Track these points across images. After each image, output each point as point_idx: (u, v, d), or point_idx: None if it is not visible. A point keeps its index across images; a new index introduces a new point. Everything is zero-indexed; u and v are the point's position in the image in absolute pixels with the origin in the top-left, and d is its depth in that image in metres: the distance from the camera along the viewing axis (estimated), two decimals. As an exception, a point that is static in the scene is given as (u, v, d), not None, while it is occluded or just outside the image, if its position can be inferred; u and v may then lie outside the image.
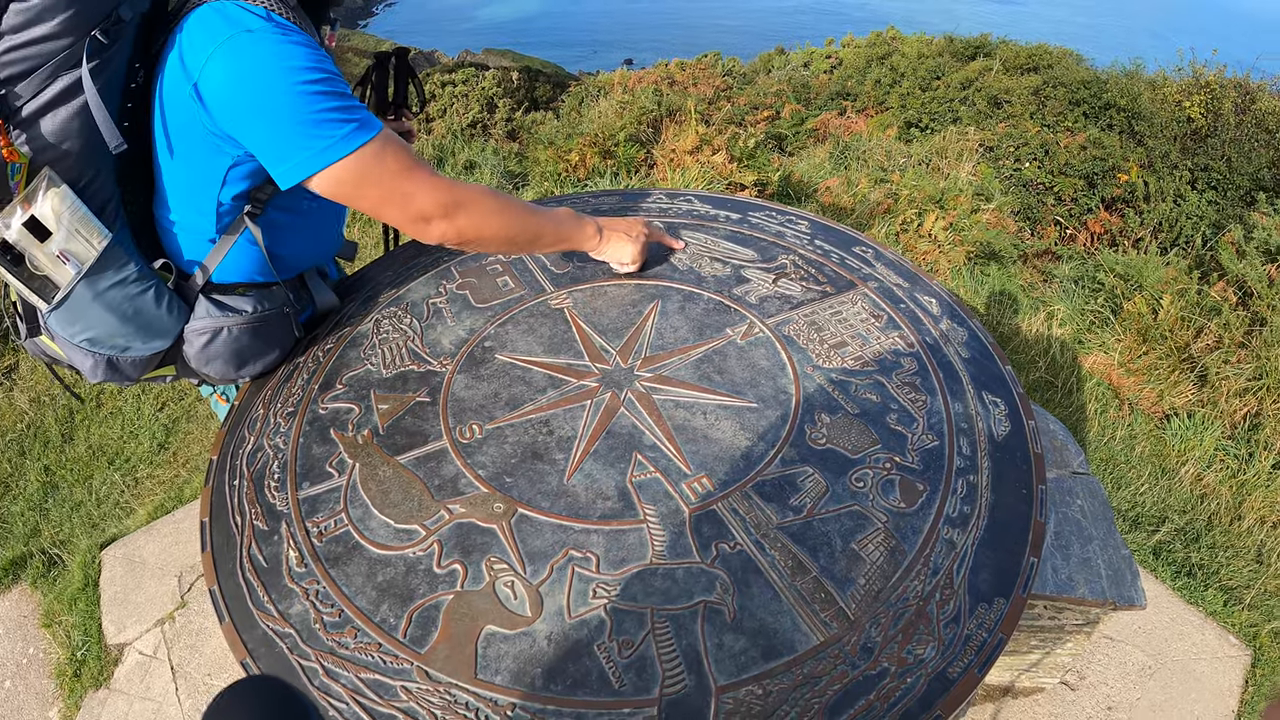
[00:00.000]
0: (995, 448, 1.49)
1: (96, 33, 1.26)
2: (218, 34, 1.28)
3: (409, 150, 1.45)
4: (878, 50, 10.61)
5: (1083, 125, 7.83)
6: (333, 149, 1.34)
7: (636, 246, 1.84)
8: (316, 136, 1.32)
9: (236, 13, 1.30)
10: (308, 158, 1.33)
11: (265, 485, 1.43)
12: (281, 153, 1.34)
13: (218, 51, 1.27)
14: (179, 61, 1.32)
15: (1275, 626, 3.07)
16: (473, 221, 1.51)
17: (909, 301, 1.84)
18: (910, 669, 1.14)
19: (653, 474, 1.40)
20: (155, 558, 2.79)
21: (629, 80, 7.17)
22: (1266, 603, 3.27)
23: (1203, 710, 2.63)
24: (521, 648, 1.16)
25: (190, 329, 1.58)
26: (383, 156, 1.39)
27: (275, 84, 1.29)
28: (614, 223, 1.85)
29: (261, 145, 1.34)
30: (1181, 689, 2.68)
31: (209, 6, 1.31)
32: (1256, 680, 2.77)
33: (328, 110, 1.32)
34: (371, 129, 1.37)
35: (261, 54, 1.28)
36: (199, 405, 3.67)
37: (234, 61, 1.27)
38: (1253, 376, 4.42)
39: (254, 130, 1.33)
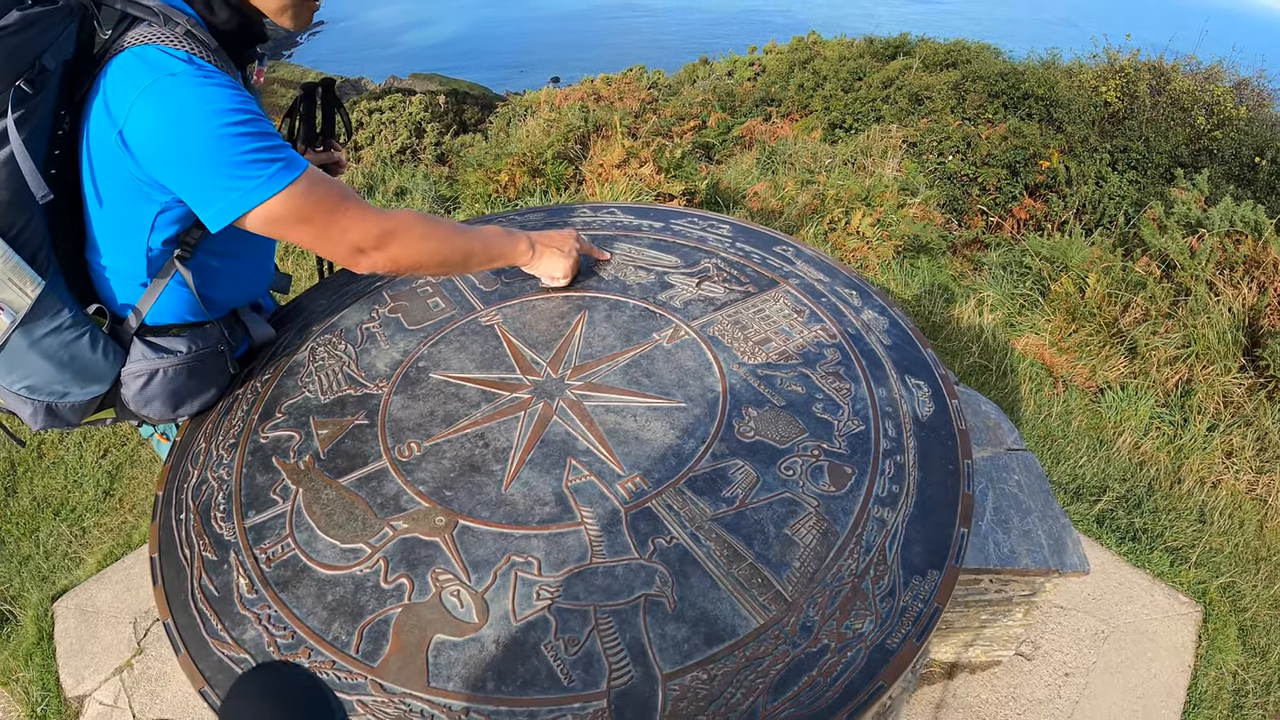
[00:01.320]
0: (920, 428, 1.56)
1: (20, 83, 1.27)
2: (140, 79, 1.29)
3: (336, 184, 1.47)
4: (800, 55, 10.79)
5: (1003, 116, 8.05)
6: (260, 189, 1.35)
7: (568, 261, 1.88)
8: (243, 178, 1.34)
9: (158, 57, 1.31)
10: (235, 199, 1.35)
11: (211, 517, 1.45)
12: (209, 196, 1.35)
13: (140, 97, 1.29)
14: (104, 108, 1.33)
15: (1223, 582, 3.19)
16: (404, 250, 1.54)
17: (830, 295, 1.90)
18: (850, 643, 1.19)
19: (587, 477, 1.45)
20: (109, 606, 2.76)
21: (555, 98, 7.21)
22: (1212, 560, 3.39)
23: (1159, 667, 2.73)
24: (471, 653, 1.20)
25: (126, 372, 1.58)
26: (310, 193, 1.41)
27: (199, 128, 1.30)
28: (546, 237, 1.87)
29: (188, 190, 1.36)
30: (1136, 649, 2.77)
31: (131, 52, 1.32)
32: (1209, 634, 2.88)
33: (253, 151, 1.34)
34: (297, 167, 1.39)
35: (184, 98, 1.29)
36: (141, 450, 3.63)
37: (157, 107, 1.29)
38: (1181, 345, 4.57)
39: (180, 175, 1.34)
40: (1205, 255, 4.77)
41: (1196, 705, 2.66)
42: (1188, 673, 2.75)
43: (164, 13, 1.35)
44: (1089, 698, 2.60)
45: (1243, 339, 4.54)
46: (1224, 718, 2.73)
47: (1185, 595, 3.04)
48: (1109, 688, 2.64)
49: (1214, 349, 4.50)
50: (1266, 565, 3.61)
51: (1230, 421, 4.36)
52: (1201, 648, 2.84)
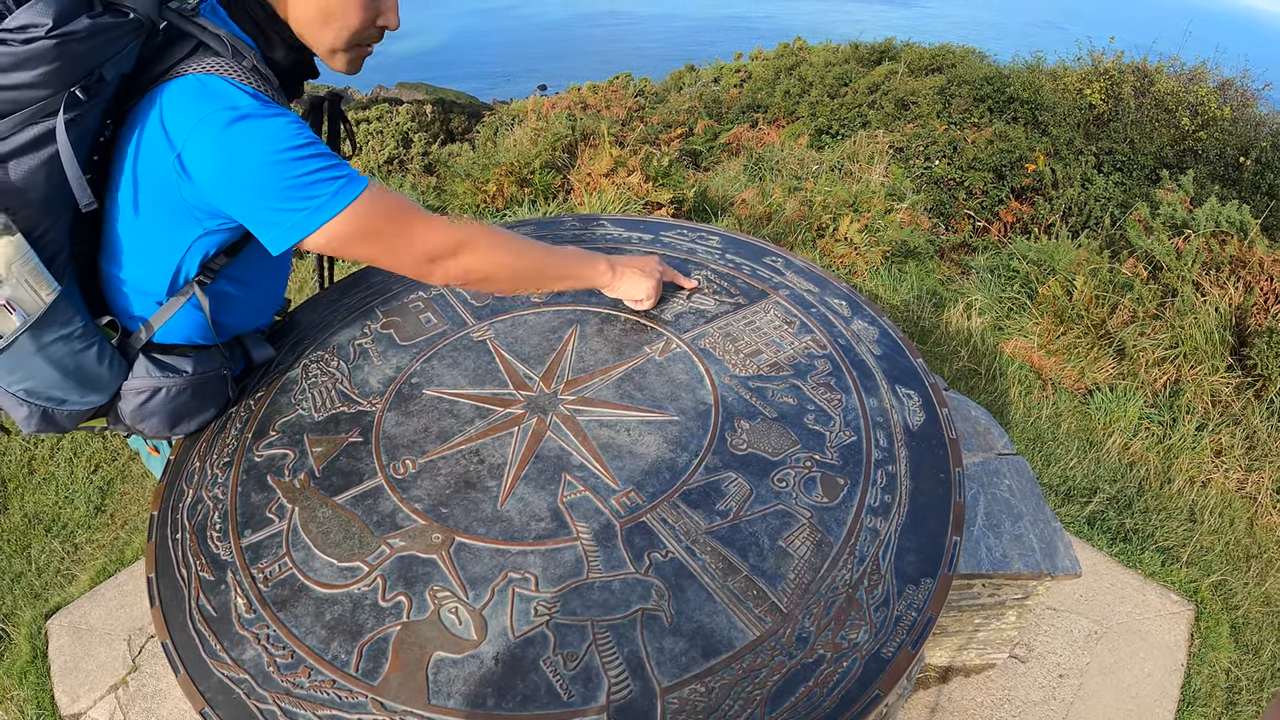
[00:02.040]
0: (911, 437, 1.58)
1: (76, 89, 1.26)
2: (203, 106, 1.31)
3: (400, 197, 1.48)
4: (786, 61, 10.83)
5: (988, 120, 8.10)
6: (324, 207, 1.36)
7: (650, 282, 1.85)
8: (307, 198, 1.35)
9: (223, 88, 1.33)
10: (300, 219, 1.36)
11: (208, 536, 1.45)
12: (273, 219, 1.36)
13: (202, 124, 1.30)
14: (160, 128, 1.33)
15: (1214, 580, 3.21)
16: (478, 259, 1.54)
17: (820, 306, 1.92)
18: (845, 653, 1.21)
19: (582, 492, 1.46)
20: (102, 623, 2.75)
21: (542, 106, 7.22)
22: (1203, 558, 3.42)
23: (1153, 667, 2.74)
24: (470, 670, 1.21)
25: (128, 387, 1.58)
26: (375, 208, 1.42)
27: (262, 156, 1.31)
28: (626, 259, 1.85)
29: (251, 215, 1.37)
30: (1129, 649, 2.78)
31: (195, 77, 1.33)
32: (1201, 632, 2.90)
33: (315, 172, 1.35)
34: (359, 183, 1.40)
35: (249, 129, 1.30)
36: (133, 465, 3.62)
37: (221, 136, 1.30)
38: (1169, 346, 4.60)
39: (242, 201, 1.36)
40: (1191, 256, 4.80)
41: (1190, 704, 2.68)
42: (1181, 671, 2.77)
43: (233, 45, 1.37)
44: (1083, 698, 2.61)
45: (1230, 338, 4.57)
46: (1218, 715, 2.75)
47: (1177, 594, 3.06)
48: (1103, 688, 2.66)
49: (1201, 349, 4.53)
50: (1258, 562, 3.64)
51: (1219, 421, 4.39)
52: (1194, 646, 2.86)
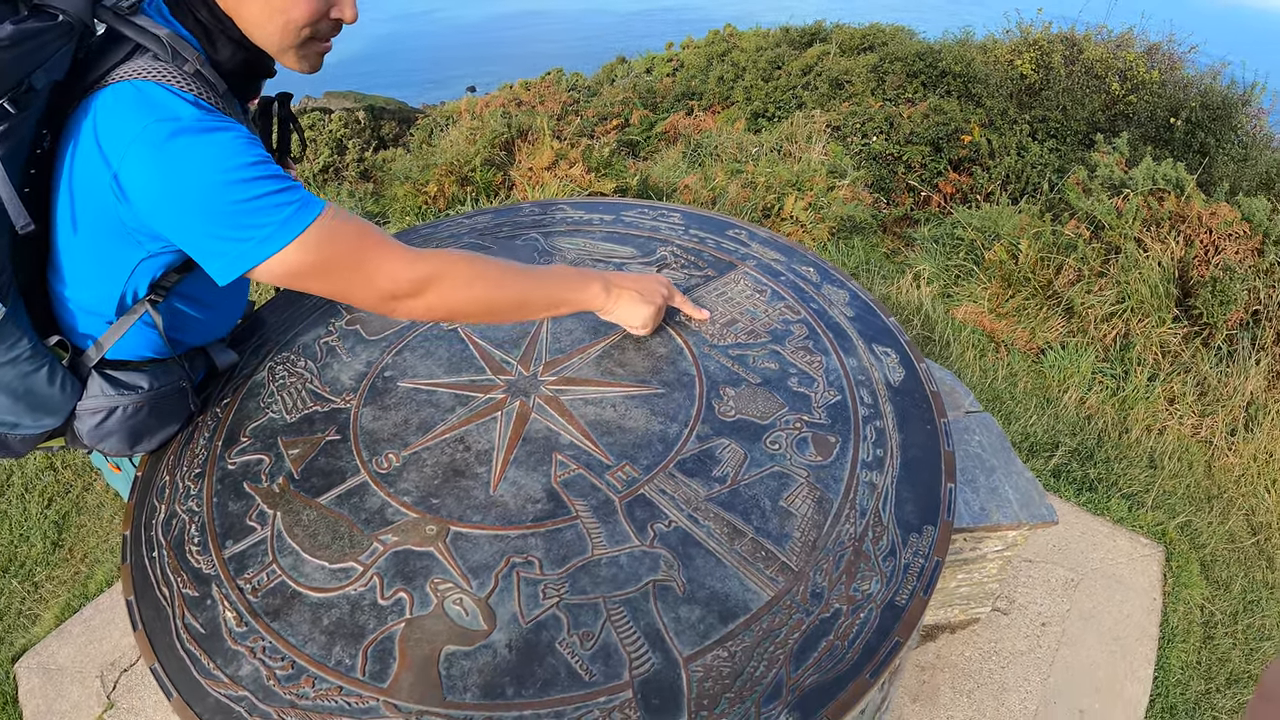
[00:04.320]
0: (894, 393, 1.59)
1: (4, 102, 1.15)
2: (140, 119, 1.19)
3: (359, 223, 1.34)
4: (717, 48, 10.88)
5: (922, 95, 8.22)
6: (274, 236, 1.24)
7: (649, 309, 1.66)
8: (255, 225, 1.23)
9: (162, 97, 1.22)
10: (247, 249, 1.24)
11: (186, 551, 1.39)
12: (216, 248, 1.25)
13: (139, 139, 1.19)
14: (95, 143, 1.22)
15: (1180, 521, 3.29)
16: (443, 297, 1.38)
17: (788, 274, 1.92)
18: (860, 605, 1.21)
19: (576, 470, 1.43)
20: (72, 661, 2.66)
21: (476, 106, 7.14)
22: (1167, 501, 3.49)
23: (1131, 608, 2.80)
24: (484, 661, 1.17)
25: (83, 407, 1.49)
26: (330, 236, 1.28)
27: (204, 177, 1.20)
28: (624, 279, 1.66)
29: (193, 241, 1.26)
30: (1106, 593, 2.84)
31: (131, 85, 1.22)
32: (1173, 572, 2.96)
33: (263, 196, 1.23)
34: (314, 207, 1.27)
35: (189, 145, 1.19)
36: (87, 496, 3.51)
37: (159, 153, 1.18)
38: (1116, 301, 4.70)
39: (183, 226, 1.24)
40: (1131, 214, 4.91)
41: (1170, 640, 2.74)
42: (1158, 610, 2.82)
43: (174, 46, 1.25)
44: (1067, 644, 2.65)
45: (1174, 290, 4.68)
46: (1197, 649, 2.81)
47: (1146, 537, 3.12)
48: (1085, 632, 2.71)
49: (1148, 302, 4.64)
50: (1219, 502, 3.73)
51: (1170, 370, 4.50)
52: (1168, 586, 2.92)
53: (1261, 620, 3.18)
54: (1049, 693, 2.53)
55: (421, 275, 1.35)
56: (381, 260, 1.32)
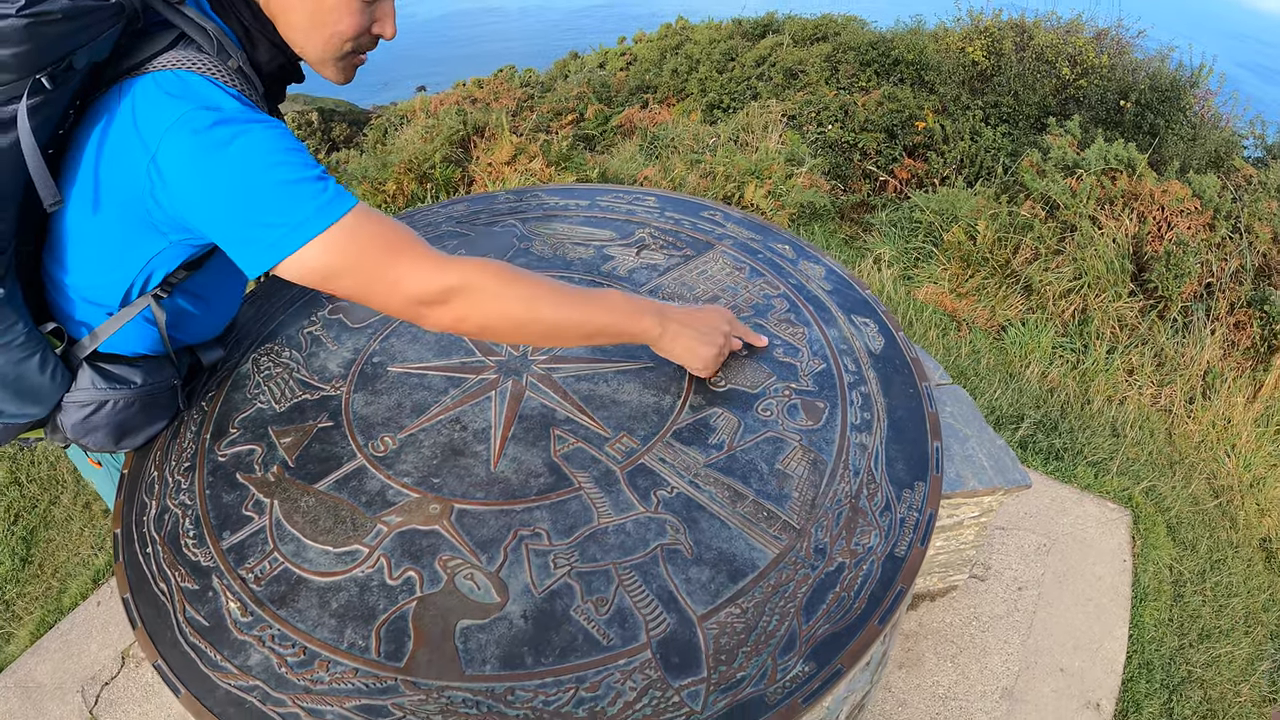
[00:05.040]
0: (876, 360, 1.63)
1: (43, 77, 1.13)
2: (182, 106, 1.18)
3: (394, 224, 1.29)
4: (670, 42, 10.92)
5: (876, 83, 8.33)
6: (306, 224, 1.20)
7: (710, 350, 1.51)
8: (287, 212, 1.20)
9: (206, 88, 1.20)
10: (278, 236, 1.20)
11: (182, 545, 1.37)
12: (249, 235, 1.22)
13: (181, 125, 1.17)
14: (131, 126, 1.19)
15: (1144, 486, 3.38)
16: (472, 309, 1.29)
17: (765, 251, 1.95)
18: (862, 558, 1.25)
19: (575, 444, 1.45)
20: (50, 678, 2.61)
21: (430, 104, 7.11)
22: (1131, 468, 3.58)
23: (1103, 570, 2.87)
24: (501, 632, 1.18)
25: (71, 399, 1.45)
26: (361, 231, 1.24)
27: (246, 168, 1.18)
28: (684, 315, 1.51)
29: (226, 231, 1.23)
30: (1079, 556, 2.91)
31: (174, 73, 1.20)
32: (1141, 534, 3.04)
33: (300, 182, 1.20)
34: (346, 201, 1.24)
35: (233, 139, 1.17)
36: (54, 510, 3.44)
37: (203, 141, 1.17)
38: (1073, 278, 4.80)
39: (218, 215, 1.21)
40: (1085, 193, 5.01)
41: (1143, 599, 2.81)
42: (1129, 571, 2.90)
43: (220, 41, 1.25)
44: (1044, 606, 2.72)
45: (1129, 266, 4.79)
46: (1169, 607, 2.89)
47: (1113, 502, 3.20)
48: (1060, 594, 2.77)
49: (1104, 278, 4.74)
50: (1181, 467, 3.83)
51: (1128, 342, 4.61)
52: (1136, 547, 3.00)
53: (1228, 578, 3.28)
54: (1029, 653, 2.59)
55: (451, 283, 1.27)
56: (412, 263, 1.26)
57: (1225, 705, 2.80)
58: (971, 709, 2.42)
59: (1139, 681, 2.61)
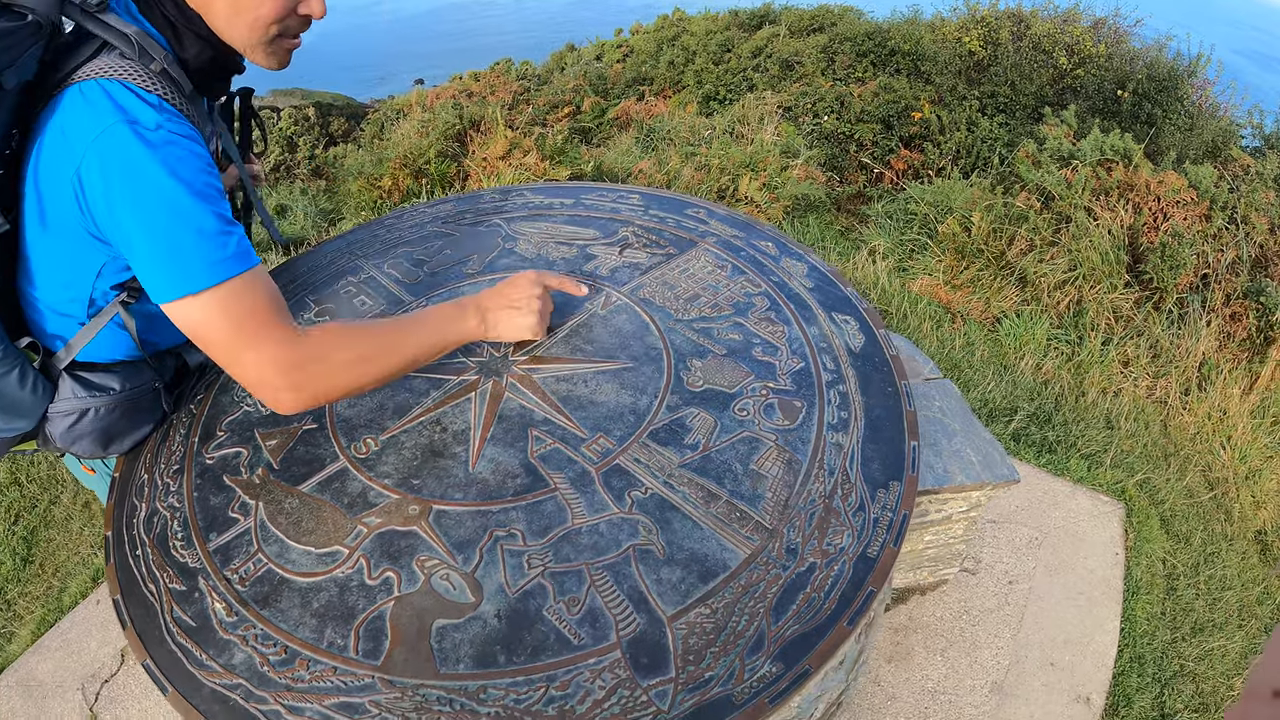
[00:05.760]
0: (855, 358, 1.64)
1: None
2: (103, 117, 1.19)
3: (270, 298, 1.30)
4: (667, 33, 10.90)
5: (872, 74, 8.32)
6: (198, 276, 1.22)
7: (530, 319, 1.61)
8: (185, 256, 1.21)
9: (125, 98, 1.21)
10: (173, 278, 1.23)
11: (170, 547, 1.39)
12: (149, 268, 1.24)
13: (100, 138, 1.18)
14: (61, 140, 1.21)
15: (1139, 479, 3.38)
16: (324, 384, 1.34)
17: (748, 249, 1.96)
18: (834, 558, 1.26)
19: (552, 445, 1.46)
20: (51, 676, 2.64)
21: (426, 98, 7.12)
22: (1125, 461, 3.58)
23: (1095, 563, 2.88)
24: (475, 632, 1.20)
25: (54, 409, 1.48)
26: (236, 303, 1.25)
27: (154, 200, 1.19)
28: (493, 298, 1.60)
29: (130, 254, 1.25)
30: (1071, 549, 2.92)
31: (97, 84, 1.20)
32: (1134, 527, 3.05)
33: (201, 231, 1.21)
34: (246, 261, 1.26)
35: (146, 164, 1.18)
36: (54, 510, 3.47)
37: (115, 155, 1.18)
38: (1068, 269, 4.80)
39: (124, 238, 1.23)
40: (1081, 184, 5.01)
41: (1135, 593, 2.82)
42: (1121, 565, 2.90)
43: (141, 44, 1.24)
44: (1035, 599, 2.73)
45: (1125, 257, 4.79)
46: (1162, 600, 2.90)
47: (1106, 495, 3.20)
48: (1052, 588, 2.78)
49: (1099, 269, 4.74)
50: (1175, 460, 3.83)
51: (1123, 334, 4.61)
52: (1129, 540, 3.01)
53: (1223, 571, 3.28)
54: (1020, 647, 2.60)
55: (294, 362, 1.30)
56: (264, 343, 1.28)
57: (1218, 699, 2.81)
58: (961, 703, 2.44)
59: (1130, 675, 2.62)
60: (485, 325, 1.57)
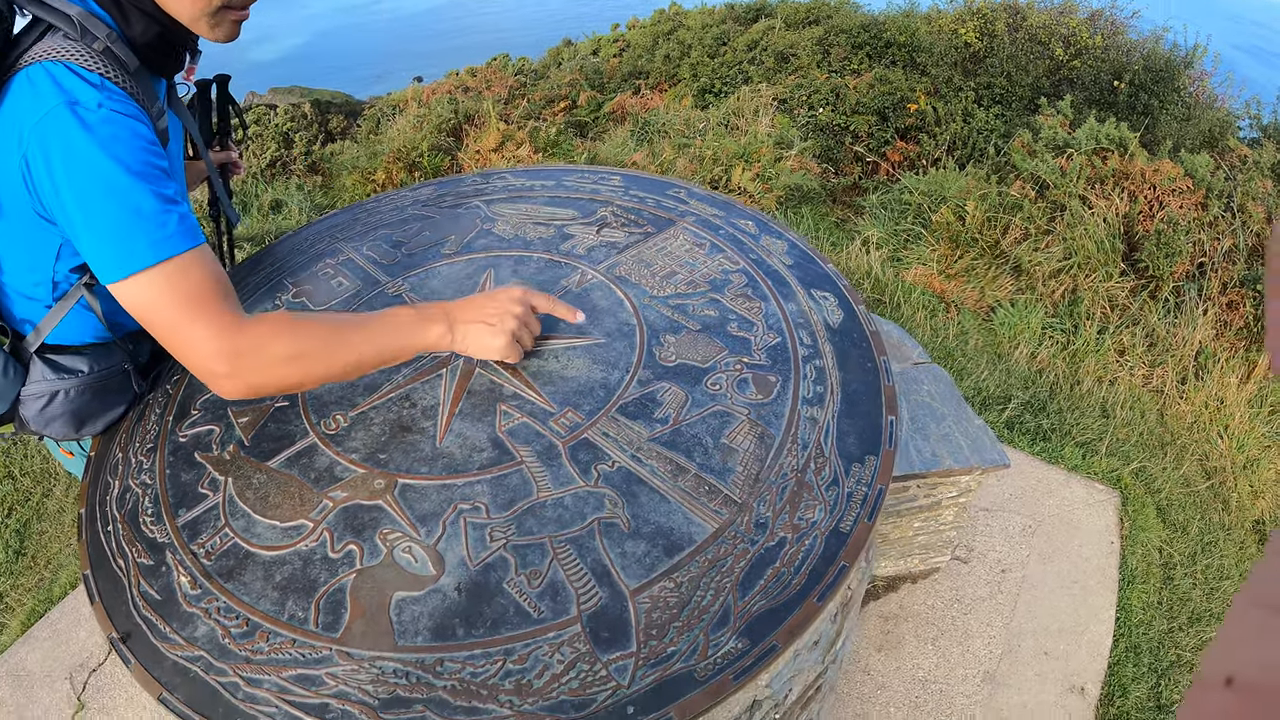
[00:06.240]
0: (833, 334, 1.62)
1: None
2: (45, 100, 1.18)
3: (213, 278, 1.28)
4: (663, 27, 10.90)
5: (868, 66, 8.30)
6: (138, 254, 1.21)
7: (500, 340, 1.47)
8: (126, 235, 1.20)
9: (67, 78, 1.20)
10: (117, 257, 1.22)
11: (140, 522, 1.39)
12: (93, 249, 1.23)
13: (42, 121, 1.18)
14: (9, 124, 1.22)
15: (1134, 467, 3.36)
16: (262, 375, 1.31)
17: (727, 228, 1.94)
18: (805, 533, 1.24)
19: (520, 419, 1.45)
20: (40, 666, 2.64)
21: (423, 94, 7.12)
22: (1120, 449, 3.56)
23: (1090, 551, 2.86)
24: (434, 605, 1.18)
25: (26, 392, 1.49)
26: (177, 281, 1.24)
27: (94, 179, 1.19)
28: (469, 310, 1.48)
29: (75, 237, 1.25)
30: (1065, 537, 2.90)
31: (41, 67, 1.21)
32: (1130, 516, 3.03)
33: (142, 209, 1.21)
34: (189, 239, 1.25)
35: (86, 143, 1.18)
36: (47, 502, 3.47)
37: (55, 137, 1.18)
38: (1063, 258, 4.78)
39: (67, 220, 1.23)
40: (1076, 173, 4.99)
41: (1130, 582, 2.80)
42: (1116, 554, 2.88)
43: (83, 23, 1.24)
44: (1029, 588, 2.71)
45: (1120, 245, 4.77)
46: (1158, 590, 2.87)
47: (1101, 484, 3.19)
48: (1045, 576, 2.76)
49: (1094, 258, 4.72)
50: (1172, 449, 3.81)
51: (1119, 323, 4.59)
52: (1125, 529, 2.99)
53: (1220, 560, 3.26)
54: (1012, 637, 2.58)
55: (234, 349, 1.27)
56: (205, 326, 1.26)
57: (1215, 690, 2.78)
58: (952, 692, 2.42)
59: (1126, 665, 2.60)
60: (453, 336, 1.46)
